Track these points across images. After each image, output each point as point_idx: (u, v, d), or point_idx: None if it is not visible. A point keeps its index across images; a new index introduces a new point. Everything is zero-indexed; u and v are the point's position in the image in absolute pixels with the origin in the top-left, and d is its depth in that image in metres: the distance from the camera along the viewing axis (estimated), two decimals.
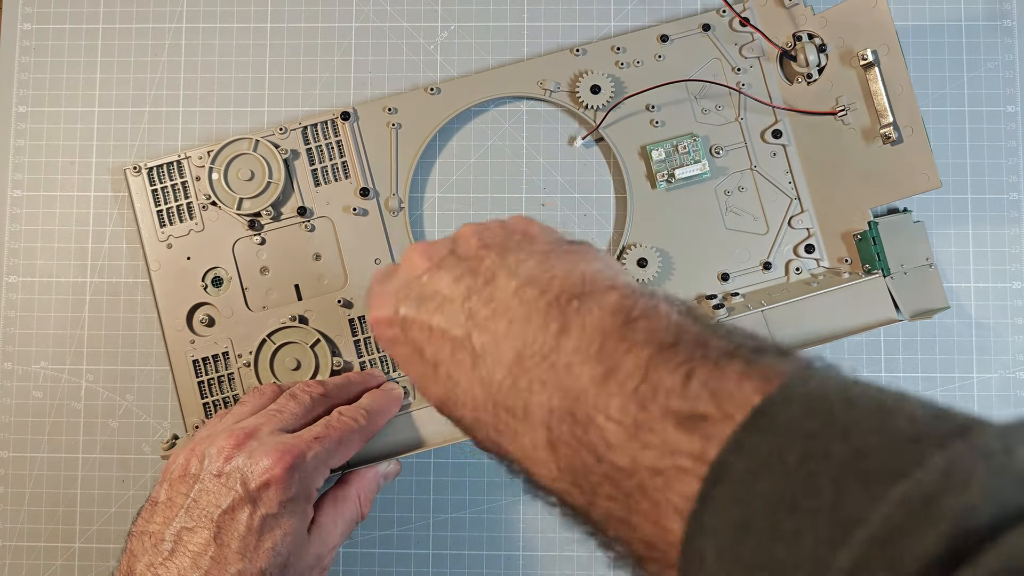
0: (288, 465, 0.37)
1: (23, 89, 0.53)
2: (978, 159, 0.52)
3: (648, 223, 0.50)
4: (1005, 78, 0.52)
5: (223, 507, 0.36)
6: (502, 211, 0.52)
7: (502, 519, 0.51)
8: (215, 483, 0.37)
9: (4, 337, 0.52)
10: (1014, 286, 0.51)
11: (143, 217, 0.49)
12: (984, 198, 0.52)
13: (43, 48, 0.53)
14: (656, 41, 0.51)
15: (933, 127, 0.52)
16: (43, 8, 0.53)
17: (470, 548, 0.51)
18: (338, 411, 0.42)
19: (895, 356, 0.51)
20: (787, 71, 0.51)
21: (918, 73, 0.52)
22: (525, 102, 0.52)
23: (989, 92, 0.52)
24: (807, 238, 0.50)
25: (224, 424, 0.41)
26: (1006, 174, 0.52)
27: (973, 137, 0.52)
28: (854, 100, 0.49)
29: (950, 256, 0.51)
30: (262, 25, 0.53)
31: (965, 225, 0.52)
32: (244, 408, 0.42)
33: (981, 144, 0.52)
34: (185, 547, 0.36)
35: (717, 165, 0.50)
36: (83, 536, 0.51)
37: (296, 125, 0.49)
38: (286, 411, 0.41)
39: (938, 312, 0.49)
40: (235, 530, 0.36)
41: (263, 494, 0.37)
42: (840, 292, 0.47)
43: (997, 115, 0.52)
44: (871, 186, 0.49)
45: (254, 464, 0.37)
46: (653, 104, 0.50)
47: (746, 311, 0.47)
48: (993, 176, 0.52)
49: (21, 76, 0.53)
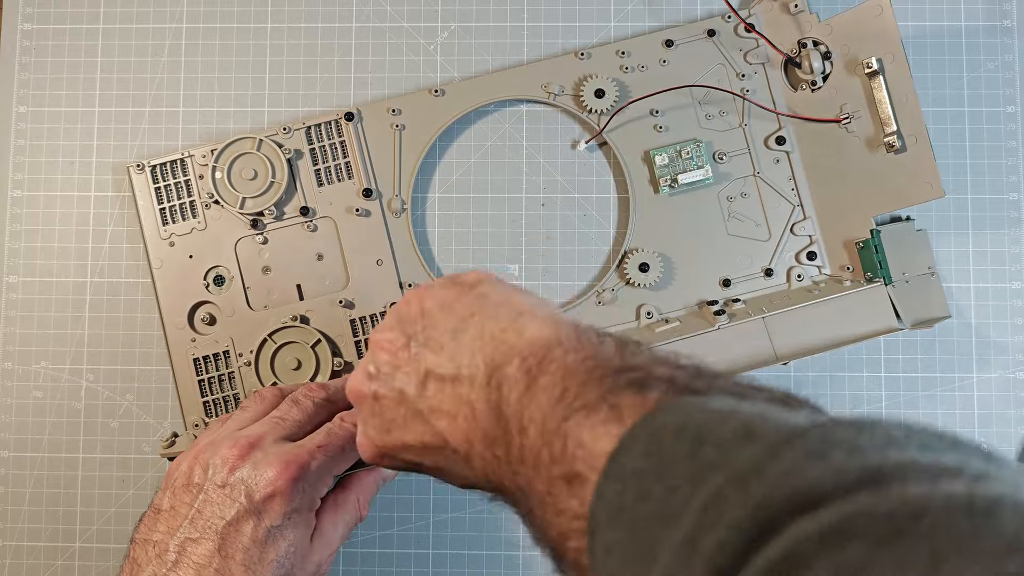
0: (292, 476, 0.37)
1: (23, 89, 0.53)
2: (978, 159, 0.52)
3: (650, 228, 0.50)
4: (1005, 78, 0.52)
5: (227, 519, 0.36)
6: (501, 211, 0.52)
7: (502, 519, 0.51)
8: (219, 494, 0.37)
9: (4, 337, 0.52)
10: (1014, 286, 0.51)
11: (145, 215, 0.49)
12: (984, 198, 0.52)
13: (43, 48, 0.53)
14: (661, 46, 0.51)
15: (933, 127, 0.52)
16: (43, 8, 0.53)
17: (470, 548, 0.51)
18: (340, 417, 0.41)
19: (895, 356, 0.51)
20: (792, 78, 0.51)
21: (918, 74, 0.52)
22: (525, 104, 0.52)
23: (989, 92, 0.52)
24: (809, 245, 0.50)
25: (227, 430, 0.40)
26: (1006, 174, 0.52)
27: (973, 137, 0.52)
28: (858, 108, 0.49)
29: (950, 256, 0.51)
30: (262, 25, 0.53)
31: (965, 225, 0.52)
32: (246, 414, 0.42)
33: (981, 144, 0.52)
34: (189, 558, 0.36)
35: (720, 171, 0.50)
36: (83, 536, 0.51)
37: (300, 125, 0.49)
38: (289, 418, 0.41)
39: (939, 322, 0.49)
40: (239, 542, 0.36)
41: (267, 506, 0.37)
42: (841, 300, 0.47)
43: (997, 115, 0.52)
44: (874, 194, 0.49)
45: (258, 475, 0.37)
46: (657, 109, 0.50)
47: (747, 317, 0.47)
48: (993, 176, 0.52)
49: (21, 76, 0.53)
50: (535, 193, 0.52)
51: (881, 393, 0.51)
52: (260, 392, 0.44)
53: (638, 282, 0.50)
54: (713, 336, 0.47)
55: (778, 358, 0.46)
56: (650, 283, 0.50)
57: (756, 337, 0.47)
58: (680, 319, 0.49)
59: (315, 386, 0.43)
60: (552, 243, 0.52)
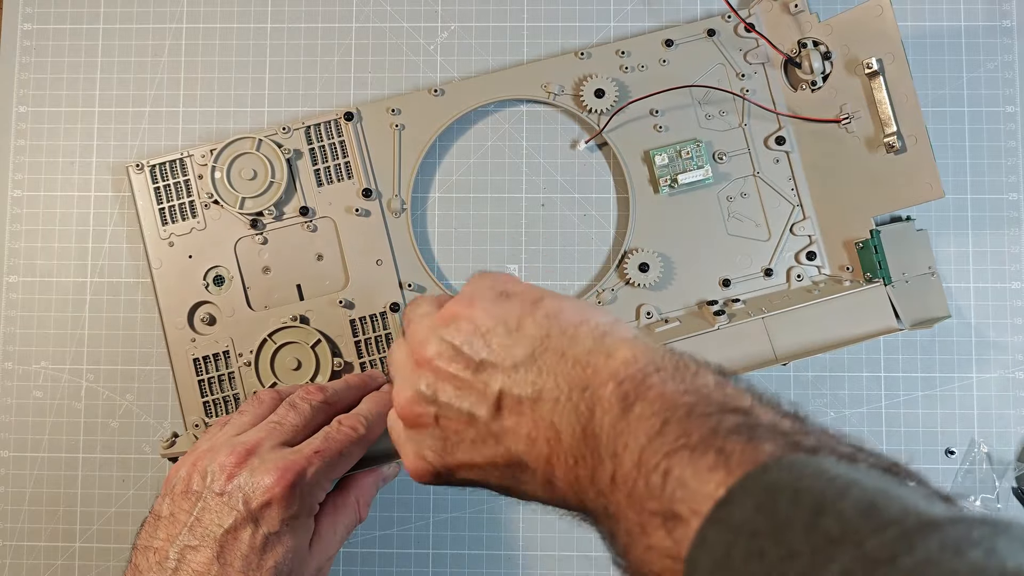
0: (289, 483, 0.37)
1: (23, 89, 0.53)
2: (978, 159, 0.52)
3: (650, 228, 0.50)
4: (1005, 78, 0.52)
5: (225, 527, 0.36)
6: (501, 211, 0.52)
7: (502, 519, 0.51)
8: (217, 502, 0.37)
9: (4, 337, 0.52)
10: (1013, 286, 0.51)
11: (145, 215, 0.49)
12: (984, 198, 0.52)
13: (43, 48, 0.53)
14: (661, 46, 0.51)
15: (933, 127, 0.52)
16: (43, 8, 0.53)
17: (470, 548, 0.51)
18: (338, 421, 0.41)
19: (895, 356, 0.51)
20: (791, 78, 0.51)
21: (918, 74, 0.52)
22: (525, 103, 0.52)
23: (989, 93, 0.52)
24: (809, 245, 0.50)
25: (224, 436, 0.40)
26: (1006, 174, 0.52)
27: (973, 137, 0.52)
28: (858, 108, 0.49)
29: (949, 256, 0.51)
30: (262, 25, 0.53)
31: (964, 225, 0.52)
32: (243, 418, 0.42)
33: (981, 144, 0.52)
34: (189, 565, 0.36)
35: (720, 171, 0.51)
36: (83, 536, 0.51)
37: (299, 125, 0.49)
38: (286, 423, 0.40)
39: (939, 322, 0.49)
40: (238, 549, 0.36)
41: (265, 513, 0.37)
42: (841, 300, 0.47)
43: (997, 115, 0.52)
44: (874, 194, 0.49)
45: (256, 482, 0.37)
46: (657, 109, 0.50)
47: (747, 318, 0.47)
48: (993, 176, 0.52)
49: (21, 76, 0.53)
50: (535, 193, 0.52)
51: (881, 393, 0.51)
52: (258, 395, 0.44)
53: (638, 282, 0.50)
54: (713, 336, 0.47)
55: (777, 359, 0.46)
56: (650, 283, 0.50)
57: (755, 337, 0.47)
58: (680, 319, 0.49)
59: (313, 388, 0.43)
60: (552, 243, 0.52)
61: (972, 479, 0.50)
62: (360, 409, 0.43)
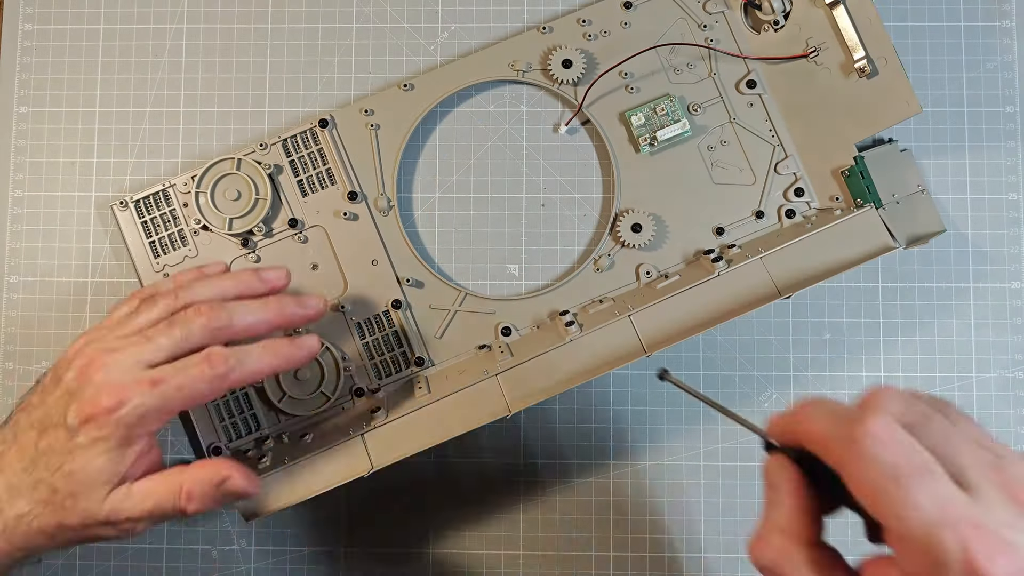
0: (109, 407, 0.37)
1: (24, 89, 0.53)
2: (977, 159, 0.52)
3: (637, 188, 0.51)
4: (1004, 78, 0.52)
5: (53, 421, 0.39)
6: (495, 209, 0.52)
7: (502, 519, 0.51)
8: (58, 399, 0.39)
9: (4, 337, 0.52)
10: (1013, 286, 0.51)
11: (136, 250, 0.49)
12: (983, 199, 0.52)
13: (44, 48, 0.53)
14: (620, 8, 0.51)
15: (933, 127, 0.52)
16: (44, 8, 0.53)
17: (470, 548, 0.51)
18: (207, 352, 0.39)
19: (894, 356, 0.51)
20: (753, 21, 0.51)
21: (918, 74, 0.52)
22: (495, 86, 0.52)
23: (988, 92, 0.52)
24: (795, 182, 0.51)
25: (112, 336, 0.40)
26: (1005, 174, 0.52)
27: (972, 137, 0.52)
28: (824, 40, 0.49)
29: (949, 256, 0.52)
30: (262, 25, 0.53)
31: (964, 225, 0.52)
32: (138, 319, 0.41)
33: (980, 144, 0.52)
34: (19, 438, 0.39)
35: (697, 123, 0.51)
36: None
37: (275, 139, 0.49)
38: (155, 342, 0.39)
39: (934, 236, 0.49)
40: (50, 446, 0.38)
41: (82, 426, 0.38)
42: (835, 228, 0.47)
43: (996, 115, 0.52)
44: (852, 121, 0.49)
45: (86, 394, 0.38)
46: (626, 72, 0.51)
47: (745, 260, 0.47)
48: (992, 176, 0.52)
49: (22, 76, 0.53)
50: (534, 192, 0.52)
51: None
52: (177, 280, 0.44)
53: (633, 243, 0.50)
54: (713, 283, 0.47)
55: (780, 292, 0.46)
56: (644, 243, 0.50)
57: (756, 276, 0.47)
58: (680, 273, 0.49)
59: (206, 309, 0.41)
60: (552, 243, 0.52)
61: None
62: (246, 348, 0.40)
